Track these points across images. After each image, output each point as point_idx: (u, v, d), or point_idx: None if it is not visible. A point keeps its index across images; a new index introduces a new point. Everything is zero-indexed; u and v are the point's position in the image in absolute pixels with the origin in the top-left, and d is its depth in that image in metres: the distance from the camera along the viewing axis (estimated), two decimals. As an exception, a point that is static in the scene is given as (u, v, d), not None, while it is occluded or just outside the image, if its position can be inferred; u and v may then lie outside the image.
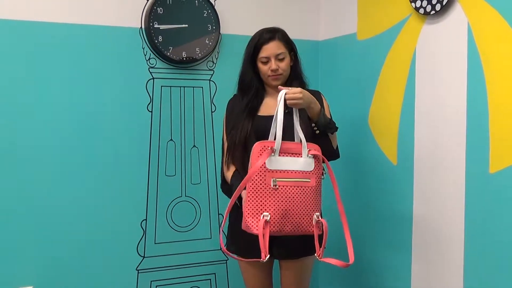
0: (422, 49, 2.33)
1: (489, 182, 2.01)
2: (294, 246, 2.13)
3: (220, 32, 2.76)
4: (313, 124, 2.09)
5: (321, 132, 2.10)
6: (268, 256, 1.95)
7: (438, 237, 2.27)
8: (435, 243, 2.28)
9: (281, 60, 2.13)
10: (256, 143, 1.99)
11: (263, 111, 2.20)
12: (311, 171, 2.00)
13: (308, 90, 2.21)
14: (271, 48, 2.12)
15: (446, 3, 2.15)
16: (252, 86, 2.20)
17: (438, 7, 2.19)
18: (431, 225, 2.30)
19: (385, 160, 2.55)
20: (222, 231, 2.11)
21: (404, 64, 2.41)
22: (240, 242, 2.20)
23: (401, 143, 2.46)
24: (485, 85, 2.02)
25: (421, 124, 2.34)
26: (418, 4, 2.28)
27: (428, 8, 2.23)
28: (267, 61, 2.14)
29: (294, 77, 2.20)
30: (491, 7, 1.99)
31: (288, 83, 2.19)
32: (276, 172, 1.95)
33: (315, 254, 2.03)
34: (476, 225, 2.08)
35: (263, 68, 2.15)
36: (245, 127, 2.16)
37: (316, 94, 2.22)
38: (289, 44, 2.18)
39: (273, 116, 2.13)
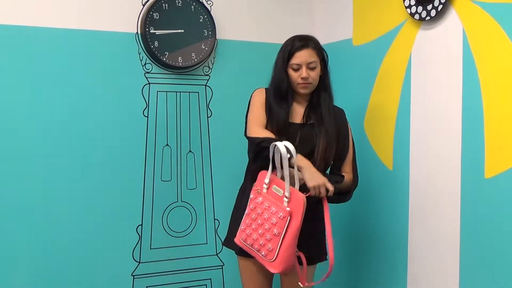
0: (417, 55, 2.34)
1: (485, 187, 2.01)
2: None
3: (216, 37, 2.77)
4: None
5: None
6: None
7: (434, 242, 2.27)
8: (431, 248, 2.29)
9: (312, 69, 2.12)
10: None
11: (291, 118, 2.20)
12: None
13: (333, 107, 2.21)
14: (304, 56, 2.10)
15: (441, 9, 2.16)
16: (288, 95, 2.18)
17: (433, 13, 2.20)
18: (427, 230, 2.30)
19: (381, 165, 2.55)
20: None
21: (400, 70, 2.42)
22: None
23: (397, 148, 2.46)
24: (480, 90, 2.02)
25: (417, 130, 2.35)
26: (413, 10, 2.29)
27: (423, 14, 2.24)
28: (298, 68, 2.12)
29: (323, 89, 2.18)
30: (485, 13, 2.00)
31: (316, 93, 2.18)
32: None
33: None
34: (471, 230, 2.08)
35: (293, 75, 2.14)
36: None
37: (340, 113, 2.22)
38: (321, 54, 2.16)
39: (297, 123, 2.17)
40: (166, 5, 2.64)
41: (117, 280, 2.63)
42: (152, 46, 2.61)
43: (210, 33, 2.74)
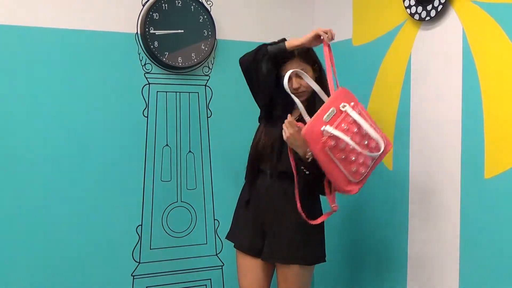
0: (417, 55, 2.34)
1: (484, 187, 2.01)
2: (284, 249, 2.14)
3: (216, 37, 2.77)
4: (302, 167, 2.02)
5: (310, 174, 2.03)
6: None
7: (433, 242, 2.27)
8: (430, 248, 2.29)
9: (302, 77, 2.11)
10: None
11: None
12: None
13: None
14: (290, 67, 2.09)
15: (441, 9, 2.16)
16: (283, 101, 2.18)
17: (433, 13, 2.20)
18: (426, 230, 2.30)
19: (381, 165, 2.54)
20: None
21: (399, 70, 2.42)
22: (241, 234, 2.22)
23: (397, 149, 2.46)
24: (480, 90, 2.03)
25: (417, 130, 2.35)
26: (413, 10, 2.29)
27: (423, 14, 2.24)
28: (288, 79, 2.13)
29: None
30: (485, 13, 2.00)
31: (312, 96, 2.17)
32: None
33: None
34: (471, 230, 2.09)
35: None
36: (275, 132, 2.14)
37: None
38: (311, 58, 2.15)
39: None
40: (166, 5, 2.64)
41: (117, 280, 2.63)
42: (152, 46, 2.61)
43: (210, 33, 2.74)
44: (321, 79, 2.18)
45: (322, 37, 2.04)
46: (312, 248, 2.19)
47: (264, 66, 2.09)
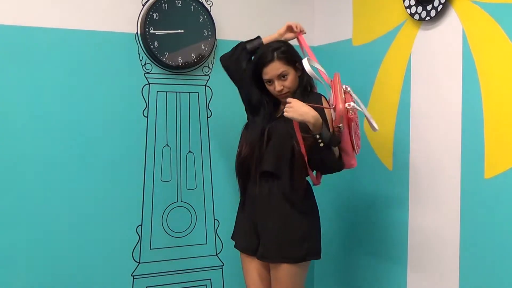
0: (417, 55, 2.34)
1: (484, 187, 2.01)
2: (273, 248, 2.15)
3: (216, 37, 2.77)
4: (317, 136, 1.99)
5: (325, 145, 2.01)
6: None
7: (433, 243, 2.27)
8: (430, 248, 2.29)
9: (284, 78, 2.12)
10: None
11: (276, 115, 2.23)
12: None
13: (310, 93, 2.20)
14: (271, 71, 2.11)
15: (440, 9, 2.16)
16: (263, 104, 2.23)
17: (433, 13, 2.20)
18: (426, 231, 2.30)
19: (381, 165, 2.55)
20: None
21: (399, 70, 2.42)
22: (242, 235, 2.26)
23: (397, 149, 2.46)
24: (480, 91, 2.03)
25: (416, 130, 2.35)
26: (413, 10, 2.29)
27: (423, 14, 2.24)
28: (270, 83, 2.15)
29: (300, 88, 2.18)
30: (485, 14, 2.00)
31: (296, 93, 2.17)
32: None
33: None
34: (471, 230, 2.09)
35: (270, 88, 2.17)
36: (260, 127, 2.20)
37: (317, 97, 2.20)
38: (292, 58, 2.14)
39: (274, 118, 2.21)
40: (166, 5, 2.64)
41: (117, 280, 2.63)
42: (152, 46, 2.61)
43: (210, 33, 2.74)
44: (303, 77, 2.19)
45: (294, 29, 2.26)
46: (301, 246, 2.15)
47: (244, 62, 2.27)
